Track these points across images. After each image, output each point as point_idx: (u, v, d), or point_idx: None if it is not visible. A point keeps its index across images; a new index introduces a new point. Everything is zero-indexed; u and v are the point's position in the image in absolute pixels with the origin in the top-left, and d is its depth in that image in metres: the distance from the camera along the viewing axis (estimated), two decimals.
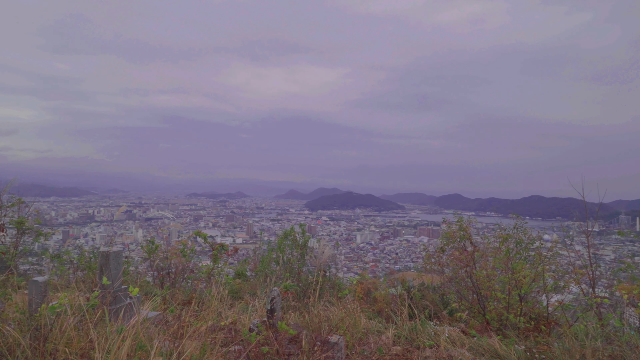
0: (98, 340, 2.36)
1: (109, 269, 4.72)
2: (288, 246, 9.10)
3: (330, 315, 5.18)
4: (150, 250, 9.35)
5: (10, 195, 8.98)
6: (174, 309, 4.25)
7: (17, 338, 2.33)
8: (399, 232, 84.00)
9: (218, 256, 9.46)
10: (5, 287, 4.73)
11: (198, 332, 2.83)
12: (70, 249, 11.09)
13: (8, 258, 7.98)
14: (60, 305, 2.75)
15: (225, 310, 5.79)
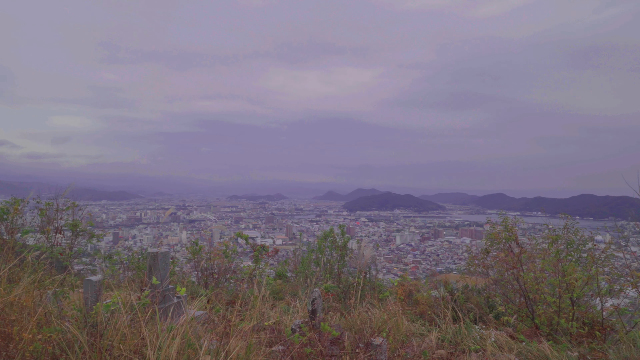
0: (150, 338, 2.46)
1: (157, 269, 4.91)
2: (328, 247, 9.11)
3: (371, 317, 5.14)
4: (194, 251, 9.65)
5: (65, 199, 9.49)
6: (219, 309, 4.36)
7: (75, 334, 2.47)
8: (440, 233, 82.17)
9: (259, 257, 9.63)
10: (62, 286, 5.01)
11: (243, 332, 2.89)
12: (120, 250, 11.64)
13: (64, 258, 8.44)
14: (114, 303, 2.89)
15: (267, 310, 5.87)
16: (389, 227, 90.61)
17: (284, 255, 13.73)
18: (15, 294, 2.47)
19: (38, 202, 8.84)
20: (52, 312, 2.84)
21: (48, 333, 2.35)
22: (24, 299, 2.50)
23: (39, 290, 3.27)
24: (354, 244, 9.48)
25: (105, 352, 2.39)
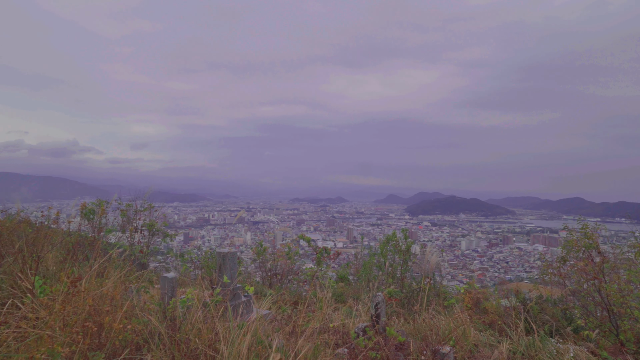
0: (223, 333, 2.59)
1: (226, 269, 5.14)
2: (390, 251, 9.00)
3: (437, 324, 4.99)
4: (259, 252, 9.97)
5: (143, 200, 10.20)
6: (285, 309, 4.46)
7: (157, 326, 2.66)
8: (509, 239, 77.72)
9: (321, 259, 9.73)
10: (140, 282, 5.38)
11: (309, 333, 2.94)
12: (190, 250, 12.33)
13: (142, 256, 9.06)
14: (190, 299, 3.08)
15: (329, 312, 5.91)
16: (454, 232, 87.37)
17: (344, 259, 13.76)
18: (106, 287, 2.72)
19: (119, 204, 9.61)
20: (137, 306, 3.08)
21: (137, 324, 2.55)
22: (113, 292, 2.74)
23: (125, 285, 3.56)
24: (416, 248, 9.29)
25: (183, 344, 2.55)
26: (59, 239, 4.47)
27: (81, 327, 2.04)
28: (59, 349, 1.85)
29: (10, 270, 3.55)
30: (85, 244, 5.08)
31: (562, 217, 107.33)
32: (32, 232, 3.92)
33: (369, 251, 10.64)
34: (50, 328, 2.06)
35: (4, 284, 3.40)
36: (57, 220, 4.83)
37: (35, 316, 2.38)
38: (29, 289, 2.97)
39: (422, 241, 66.95)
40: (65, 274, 2.68)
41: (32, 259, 3.38)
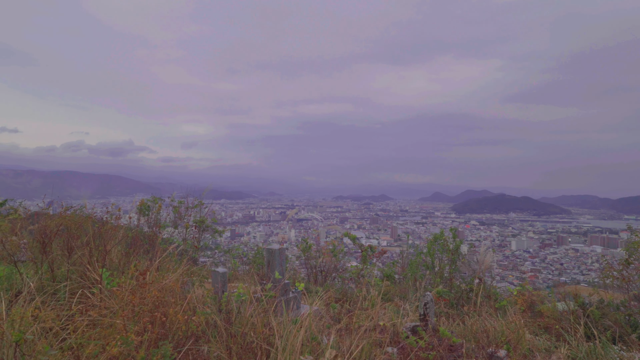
0: (277, 328, 2.66)
1: (274, 265, 5.26)
2: (438, 250, 8.82)
3: (488, 327, 4.83)
4: (304, 249, 10.09)
5: (193, 197, 10.59)
6: (335, 306, 4.50)
7: (215, 319, 2.78)
8: (564, 240, 73.65)
9: (367, 257, 9.70)
10: (192, 276, 5.60)
11: (359, 330, 2.95)
12: (238, 246, 12.68)
13: (193, 251, 9.41)
14: (244, 294, 3.18)
15: (377, 311, 5.88)
16: (503, 231, 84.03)
17: (389, 257, 13.62)
18: (168, 280, 2.88)
19: (172, 201, 10.05)
20: (197, 299, 3.23)
21: (201, 316, 2.68)
22: (174, 285, 2.89)
23: (184, 278, 3.73)
24: (464, 248, 9.05)
25: (240, 337, 2.64)
26: (121, 234, 4.75)
27: (150, 317, 2.17)
28: (132, 337, 1.97)
29: (79, 262, 3.82)
30: (145, 239, 5.37)
31: (623, 216, 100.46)
32: (98, 227, 4.19)
33: (415, 250, 10.48)
34: (120, 317, 2.20)
35: (74, 275, 3.67)
36: (119, 216, 5.14)
37: (104, 305, 2.55)
38: (97, 280, 3.19)
39: (469, 241, 64.78)
40: (135, 267, 2.86)
41: (99, 252, 3.63)
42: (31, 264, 4.22)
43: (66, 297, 3.48)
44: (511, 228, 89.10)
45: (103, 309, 2.48)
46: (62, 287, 3.59)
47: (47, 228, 3.94)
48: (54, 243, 3.94)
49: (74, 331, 2.21)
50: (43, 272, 3.80)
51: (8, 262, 4.62)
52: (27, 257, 4.75)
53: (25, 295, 3.16)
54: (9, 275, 4.08)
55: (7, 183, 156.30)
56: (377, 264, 10.38)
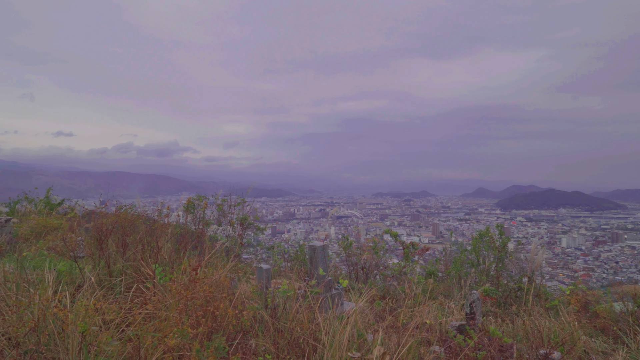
0: (323, 324, 2.68)
1: (317, 261, 5.30)
2: (483, 248, 8.56)
3: (540, 327, 4.64)
4: (345, 246, 10.09)
5: (236, 196, 10.85)
6: (379, 303, 4.47)
7: (262, 314, 2.84)
8: (619, 237, 69.25)
9: (409, 255, 9.56)
10: (238, 273, 5.74)
11: (406, 328, 2.92)
12: (279, 242, 12.87)
13: (238, 248, 9.64)
14: (289, 290, 3.23)
15: (421, 309, 5.79)
16: (552, 228, 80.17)
17: (431, 255, 13.36)
18: (218, 276, 2.98)
19: (216, 199, 10.34)
20: (244, 294, 3.32)
21: (251, 311, 2.76)
22: (224, 280, 2.99)
23: (231, 274, 3.83)
24: (511, 245, 8.73)
25: (287, 333, 2.69)
26: (170, 231, 4.95)
27: (203, 311, 2.26)
28: (188, 330, 2.06)
29: (132, 258, 4.03)
30: (194, 236, 5.56)
31: None
32: (149, 225, 4.39)
33: (458, 247, 10.24)
34: (175, 311, 2.31)
35: (129, 270, 3.87)
36: (168, 214, 5.35)
37: (158, 299, 2.67)
38: (150, 275, 3.35)
39: (516, 238, 62.25)
40: (188, 262, 2.98)
41: (151, 249, 3.80)
42: (89, 260, 4.49)
43: (122, 291, 3.68)
44: (561, 224, 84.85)
45: (157, 302, 2.59)
46: (118, 281, 3.81)
47: (103, 226, 4.17)
48: (109, 240, 4.17)
49: (131, 323, 2.33)
50: (101, 267, 4.03)
51: (67, 257, 4.94)
52: (85, 253, 5.05)
53: (86, 289, 3.36)
54: (69, 270, 4.37)
55: (62, 184, 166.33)
56: (419, 261, 10.23)
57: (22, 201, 11.76)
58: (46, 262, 4.24)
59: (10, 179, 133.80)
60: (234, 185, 11.22)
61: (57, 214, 11.31)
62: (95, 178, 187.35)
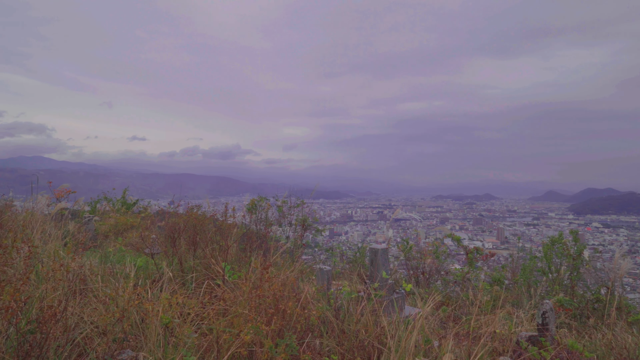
0: (388, 328, 2.66)
1: (378, 264, 5.26)
2: (556, 255, 8.03)
3: (628, 343, 4.27)
4: (405, 250, 9.92)
5: (296, 197, 11.06)
6: (446, 309, 4.36)
7: (327, 315, 2.88)
8: None
9: (473, 260, 9.21)
10: (302, 273, 5.83)
11: (476, 336, 2.82)
12: (337, 244, 12.92)
13: (299, 248, 9.81)
14: (353, 291, 3.24)
15: (487, 317, 5.55)
16: (633, 235, 73.23)
17: (495, 260, 12.77)
18: (285, 276, 3.07)
19: (276, 200, 10.60)
20: (310, 294, 3.38)
21: (320, 311, 2.82)
22: (293, 280, 3.07)
23: (295, 274, 3.92)
24: (587, 253, 8.10)
25: (353, 335, 2.71)
26: (235, 231, 5.16)
27: (275, 309, 2.34)
28: (262, 327, 2.15)
29: (202, 256, 4.25)
30: (258, 237, 5.76)
31: None
32: (218, 225, 4.62)
33: (527, 254, 9.69)
34: (248, 308, 2.41)
35: (199, 267, 4.09)
36: (233, 215, 5.57)
37: (228, 296, 2.80)
38: (219, 272, 3.52)
39: (591, 245, 57.77)
40: (255, 261, 3.10)
41: (220, 247, 3.99)
42: (163, 256, 4.80)
43: (193, 287, 3.89)
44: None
45: (228, 299, 2.72)
46: (190, 278, 4.03)
47: (176, 225, 4.44)
48: (181, 238, 4.44)
49: (205, 318, 2.46)
50: (174, 264, 4.29)
51: (143, 254, 5.30)
52: (159, 250, 5.40)
53: (162, 283, 3.59)
54: (145, 266, 4.69)
55: (136, 185, 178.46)
56: (483, 267, 9.82)
57: (101, 201, 12.77)
58: (127, 258, 4.59)
59: (91, 180, 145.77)
60: (293, 187, 11.43)
61: (132, 213, 12.18)
62: (165, 179, 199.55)
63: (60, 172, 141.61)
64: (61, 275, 2.52)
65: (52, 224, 6.46)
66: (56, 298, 2.54)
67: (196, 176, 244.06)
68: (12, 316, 1.99)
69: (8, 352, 2.08)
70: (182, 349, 2.14)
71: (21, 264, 2.68)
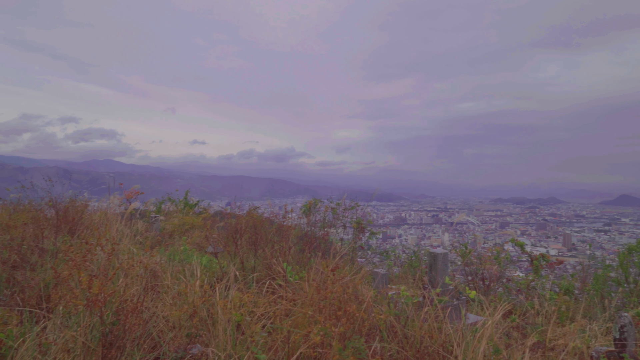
0: (454, 335, 2.58)
1: (437, 269, 5.12)
2: (635, 264, 7.39)
3: None
4: (464, 255, 9.57)
5: (350, 200, 11.05)
6: (515, 318, 4.16)
7: (390, 319, 2.85)
8: None
9: (539, 267, 8.71)
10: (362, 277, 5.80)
11: (554, 349, 2.66)
12: (391, 247, 12.75)
13: (355, 251, 9.80)
14: (415, 296, 3.18)
15: (552, 328, 5.22)
16: None
17: (562, 269, 12.01)
18: (347, 279, 3.08)
19: (330, 202, 10.66)
20: (373, 297, 3.37)
21: (388, 314, 2.81)
22: (359, 283, 3.08)
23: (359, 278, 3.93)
24: None
25: (417, 341, 2.65)
26: (293, 232, 5.25)
27: (343, 311, 2.35)
28: (332, 329, 2.17)
29: (262, 256, 4.36)
30: (317, 239, 5.83)
31: None
32: (277, 226, 4.72)
33: (599, 262, 9.01)
34: (311, 308, 2.45)
35: (260, 267, 4.20)
36: (291, 217, 5.68)
37: (291, 297, 2.86)
38: (280, 272, 3.60)
39: None
40: (324, 264, 3.14)
41: (281, 248, 4.08)
42: (225, 256, 4.98)
43: (254, 286, 4.00)
44: None
45: (291, 299, 2.77)
46: (251, 277, 4.15)
47: (238, 225, 4.60)
48: (242, 238, 4.59)
49: (270, 317, 2.53)
50: (237, 263, 4.44)
51: (206, 253, 5.53)
52: (220, 249, 5.61)
53: (228, 282, 3.73)
54: (208, 265, 4.90)
55: (196, 187, 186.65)
56: (549, 275, 9.26)
57: (165, 201, 13.48)
58: (193, 256, 4.83)
59: (156, 181, 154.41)
60: (346, 189, 11.44)
61: (193, 213, 12.76)
62: (222, 181, 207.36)
63: (128, 175, 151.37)
64: (139, 271, 2.69)
65: (123, 223, 6.93)
66: (134, 293, 2.73)
67: (251, 178, 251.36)
68: (99, 308, 2.16)
69: (93, 341, 2.27)
70: (252, 346, 2.21)
71: (104, 260, 2.91)
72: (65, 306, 2.67)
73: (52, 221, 5.46)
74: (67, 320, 2.66)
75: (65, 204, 5.91)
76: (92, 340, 2.28)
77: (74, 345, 2.28)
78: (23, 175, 78.45)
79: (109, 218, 7.22)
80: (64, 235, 5.00)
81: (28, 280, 3.36)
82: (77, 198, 6.84)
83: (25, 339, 2.36)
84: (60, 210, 5.51)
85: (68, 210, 5.66)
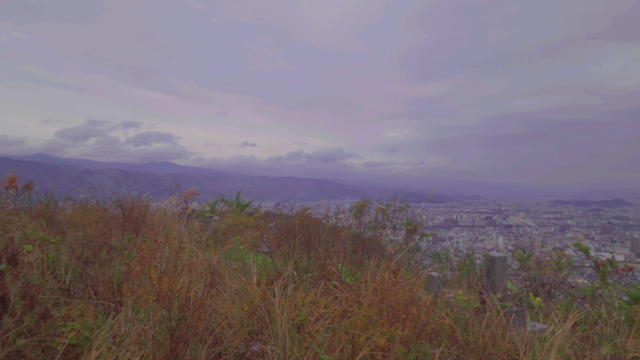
0: (520, 344, 2.47)
1: (494, 273, 4.93)
2: None
3: None
4: (521, 259, 9.14)
5: (401, 201, 10.90)
6: (585, 328, 3.93)
7: (451, 323, 2.78)
8: None
9: (606, 274, 8.15)
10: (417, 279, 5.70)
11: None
12: (444, 250, 12.41)
13: (408, 253, 9.65)
14: (475, 301, 3.08)
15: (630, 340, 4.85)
16: None
17: (630, 276, 11.13)
18: (405, 282, 3.05)
19: (380, 203, 10.56)
20: (432, 301, 3.32)
21: (452, 318, 2.75)
22: (421, 286, 3.04)
23: (416, 281, 3.87)
24: None
25: (480, 347, 2.57)
26: (345, 233, 5.25)
27: (406, 315, 2.33)
28: (397, 332, 2.16)
29: (316, 256, 4.40)
30: (369, 240, 5.81)
31: None
32: (330, 227, 4.75)
33: None
34: (377, 312, 2.44)
35: (314, 268, 4.24)
36: (342, 218, 5.69)
37: (347, 298, 2.86)
38: (335, 273, 3.61)
39: None
40: (386, 265, 3.13)
41: (334, 249, 4.11)
42: (279, 255, 5.08)
43: (308, 286, 4.05)
44: None
45: (354, 301, 2.77)
46: (306, 277, 4.20)
47: (291, 225, 4.67)
48: (296, 239, 4.66)
49: (329, 317, 2.55)
50: (290, 263, 4.52)
51: (259, 252, 5.65)
52: (274, 249, 5.72)
53: (285, 281, 3.80)
54: (263, 264, 5.01)
55: (246, 187, 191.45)
56: (617, 283, 8.62)
57: (219, 202, 13.94)
58: (249, 255, 4.97)
59: (209, 182, 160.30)
60: (394, 190, 11.28)
61: (245, 213, 13.11)
62: (271, 182, 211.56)
63: (183, 176, 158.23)
64: (201, 269, 2.81)
65: (181, 222, 7.25)
66: (198, 290, 2.86)
67: (300, 179, 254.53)
68: (168, 303, 2.29)
69: (162, 335, 2.39)
70: (315, 346, 2.24)
71: (172, 258, 3.08)
72: (135, 300, 2.84)
73: (118, 220, 5.83)
74: (136, 314, 2.84)
75: (130, 204, 6.28)
76: (161, 334, 2.41)
77: (144, 337, 2.42)
78: (89, 177, 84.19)
79: (168, 218, 7.59)
80: (130, 233, 5.32)
81: (100, 275, 3.61)
82: (140, 198, 7.26)
83: (100, 330, 2.54)
84: (126, 209, 5.87)
85: (133, 210, 6.03)
